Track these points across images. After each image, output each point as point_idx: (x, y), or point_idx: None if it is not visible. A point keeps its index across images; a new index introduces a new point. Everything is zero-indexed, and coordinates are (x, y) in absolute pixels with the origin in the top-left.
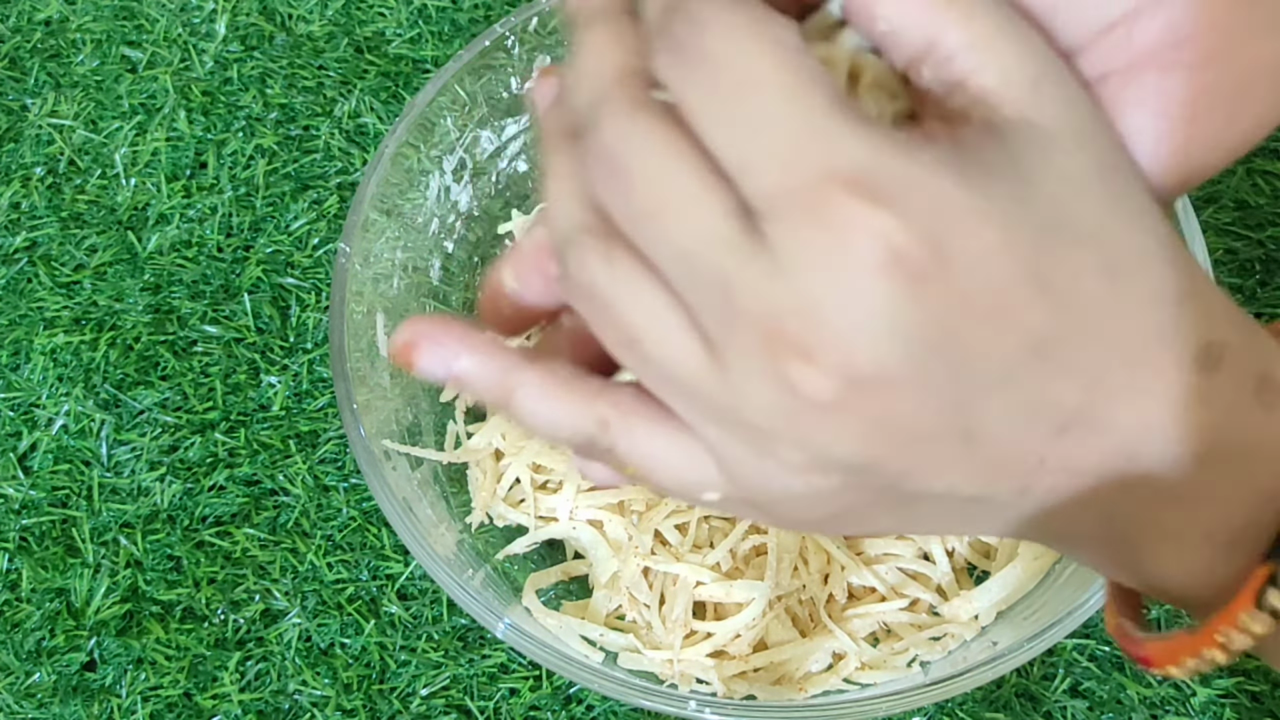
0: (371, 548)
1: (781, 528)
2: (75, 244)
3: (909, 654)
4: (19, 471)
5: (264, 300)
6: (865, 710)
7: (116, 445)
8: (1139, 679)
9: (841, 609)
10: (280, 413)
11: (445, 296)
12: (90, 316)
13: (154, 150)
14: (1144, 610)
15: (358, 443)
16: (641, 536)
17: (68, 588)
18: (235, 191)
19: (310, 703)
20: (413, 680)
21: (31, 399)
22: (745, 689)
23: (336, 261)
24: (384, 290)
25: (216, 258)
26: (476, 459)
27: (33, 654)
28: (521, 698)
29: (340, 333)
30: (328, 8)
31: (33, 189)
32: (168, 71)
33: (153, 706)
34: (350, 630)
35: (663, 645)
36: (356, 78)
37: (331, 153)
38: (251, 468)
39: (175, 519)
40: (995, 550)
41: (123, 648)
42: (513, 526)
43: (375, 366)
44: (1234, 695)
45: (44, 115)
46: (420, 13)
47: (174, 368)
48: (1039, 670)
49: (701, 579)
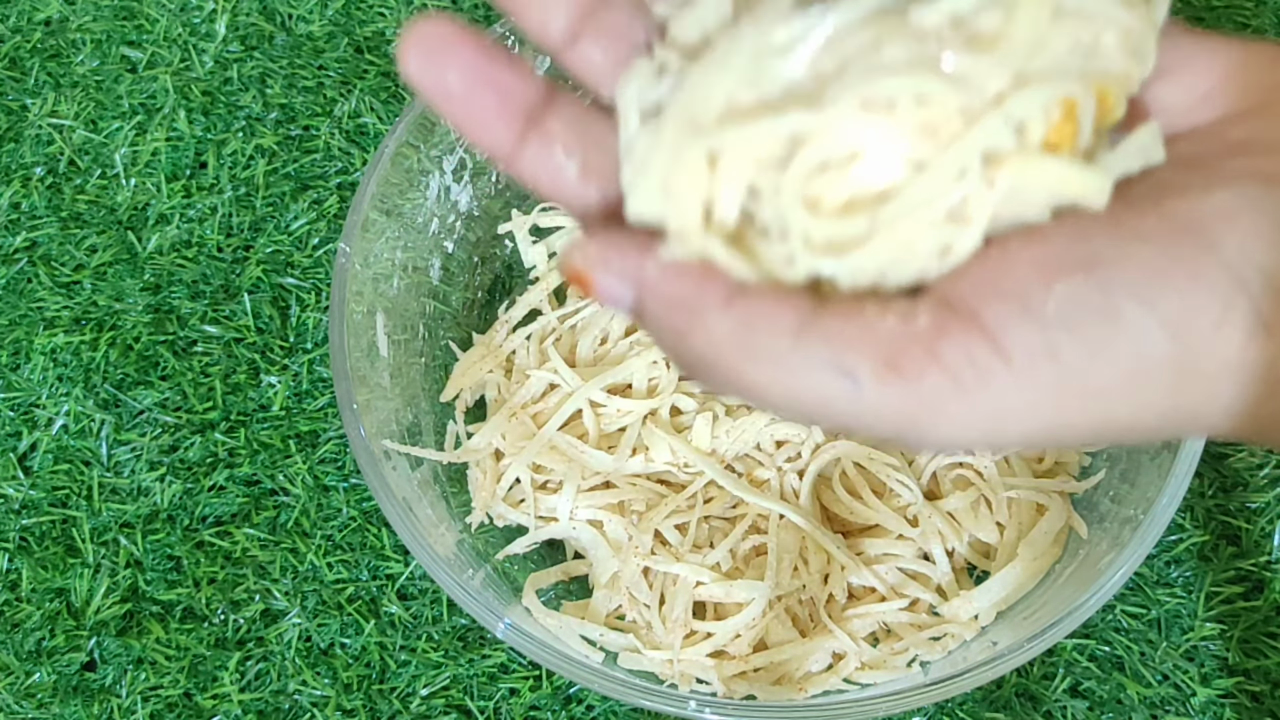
0: (371, 548)
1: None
2: (75, 244)
3: (909, 654)
4: (19, 471)
5: (264, 300)
6: (865, 710)
7: (116, 445)
8: (1139, 679)
9: (841, 609)
10: (280, 413)
11: (445, 296)
12: (90, 316)
13: (154, 150)
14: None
15: (358, 443)
16: (641, 536)
17: (68, 588)
18: (235, 191)
19: (310, 703)
20: (413, 680)
21: (31, 399)
22: (745, 689)
23: (336, 261)
24: (384, 290)
25: (216, 258)
26: (476, 459)
27: (33, 654)
28: (521, 698)
29: (340, 333)
30: (328, 8)
31: (33, 189)
32: (168, 71)
33: (153, 706)
34: (350, 630)
35: (663, 645)
36: (356, 78)
37: (331, 153)
38: (251, 468)
39: (175, 519)
40: (995, 550)
41: (123, 648)
42: (513, 526)
43: (375, 366)
44: (1234, 695)
45: (44, 115)
46: (420, 13)
47: (174, 368)
48: (1039, 670)
49: (701, 579)
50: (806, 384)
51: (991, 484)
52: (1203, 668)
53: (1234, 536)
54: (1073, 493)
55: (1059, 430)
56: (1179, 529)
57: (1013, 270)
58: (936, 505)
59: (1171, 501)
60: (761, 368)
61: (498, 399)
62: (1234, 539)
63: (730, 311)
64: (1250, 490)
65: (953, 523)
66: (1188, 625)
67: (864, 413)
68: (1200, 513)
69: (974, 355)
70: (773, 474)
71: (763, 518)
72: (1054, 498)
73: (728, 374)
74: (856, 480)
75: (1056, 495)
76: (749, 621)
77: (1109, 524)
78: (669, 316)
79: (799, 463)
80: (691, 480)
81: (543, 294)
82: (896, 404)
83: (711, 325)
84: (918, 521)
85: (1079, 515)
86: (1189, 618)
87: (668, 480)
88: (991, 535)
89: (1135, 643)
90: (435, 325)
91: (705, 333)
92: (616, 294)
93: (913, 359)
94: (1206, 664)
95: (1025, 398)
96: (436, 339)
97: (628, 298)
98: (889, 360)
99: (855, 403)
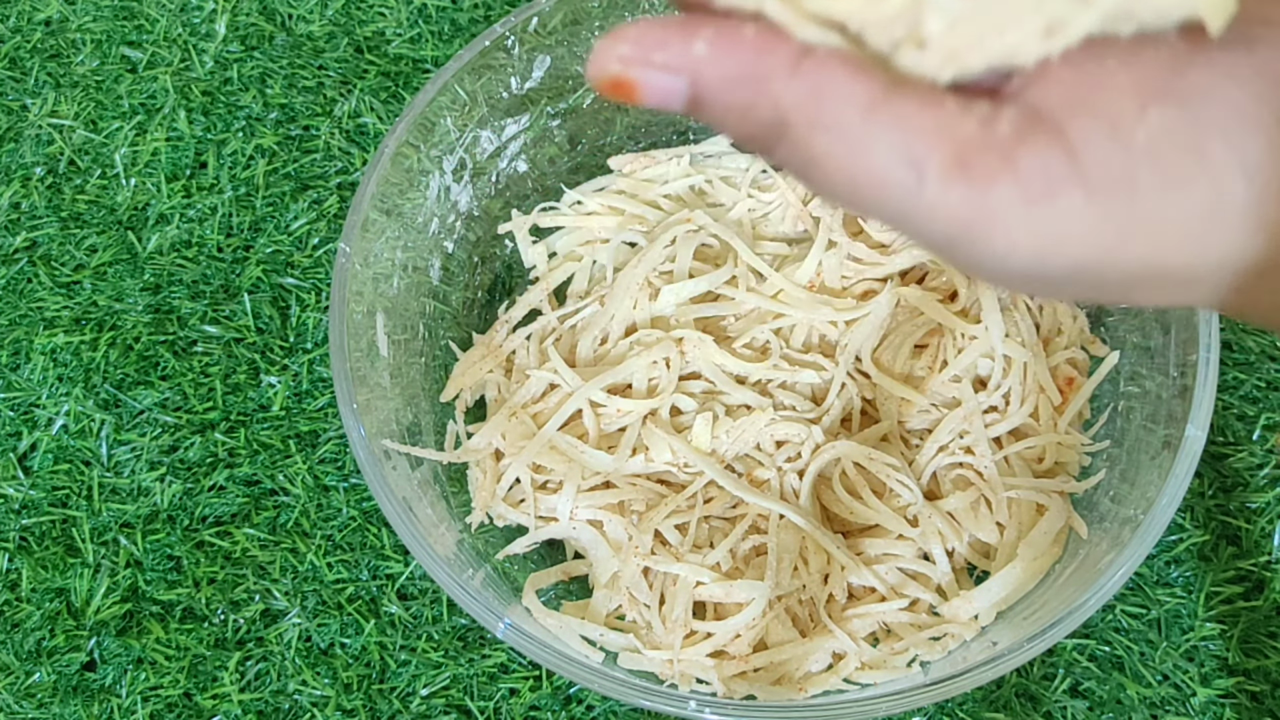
0: (371, 548)
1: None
2: (75, 244)
3: (909, 654)
4: (19, 471)
5: (264, 300)
6: (865, 710)
7: (116, 445)
8: (1139, 679)
9: (841, 609)
10: (280, 413)
11: (445, 296)
12: (90, 316)
13: (154, 150)
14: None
15: (358, 443)
16: (641, 536)
17: (68, 588)
18: (235, 191)
19: (310, 703)
20: (413, 680)
21: (31, 399)
22: (745, 689)
23: (336, 261)
24: (384, 290)
25: (216, 258)
26: (476, 459)
27: (33, 654)
28: (521, 698)
29: (340, 333)
30: (328, 8)
31: (33, 189)
32: (168, 71)
33: (153, 706)
34: (350, 630)
35: (663, 645)
36: (356, 78)
37: (331, 153)
38: (251, 468)
39: (175, 519)
40: (995, 550)
41: (123, 648)
42: (513, 526)
43: (375, 366)
44: (1234, 695)
45: (44, 115)
46: (420, 13)
47: (174, 368)
48: (1039, 670)
49: (701, 579)
50: (868, 165)
51: (991, 484)
52: (1203, 668)
53: (1234, 536)
54: (1073, 493)
55: (1108, 265)
56: (1179, 529)
57: (1108, 90)
58: (936, 505)
59: (1171, 501)
60: (826, 139)
61: (498, 399)
62: (1234, 539)
63: (797, 78)
64: (1250, 490)
65: (953, 523)
66: (1188, 625)
67: (920, 211)
68: (1200, 513)
69: (1050, 169)
70: (773, 474)
71: (763, 518)
72: (1054, 498)
73: (795, 145)
74: (856, 480)
75: (1056, 495)
76: (749, 621)
77: (1109, 524)
78: (731, 94)
79: (799, 463)
80: (691, 480)
81: (543, 294)
82: (957, 207)
83: (779, 93)
84: (918, 521)
85: (1079, 515)
86: (1189, 618)
87: (668, 480)
88: (991, 535)
89: (1135, 643)
90: (435, 325)
91: (772, 101)
92: (666, 88)
93: (986, 163)
94: (1206, 664)
95: (1089, 222)
96: (436, 339)
97: (680, 89)
98: (960, 159)
99: (914, 197)
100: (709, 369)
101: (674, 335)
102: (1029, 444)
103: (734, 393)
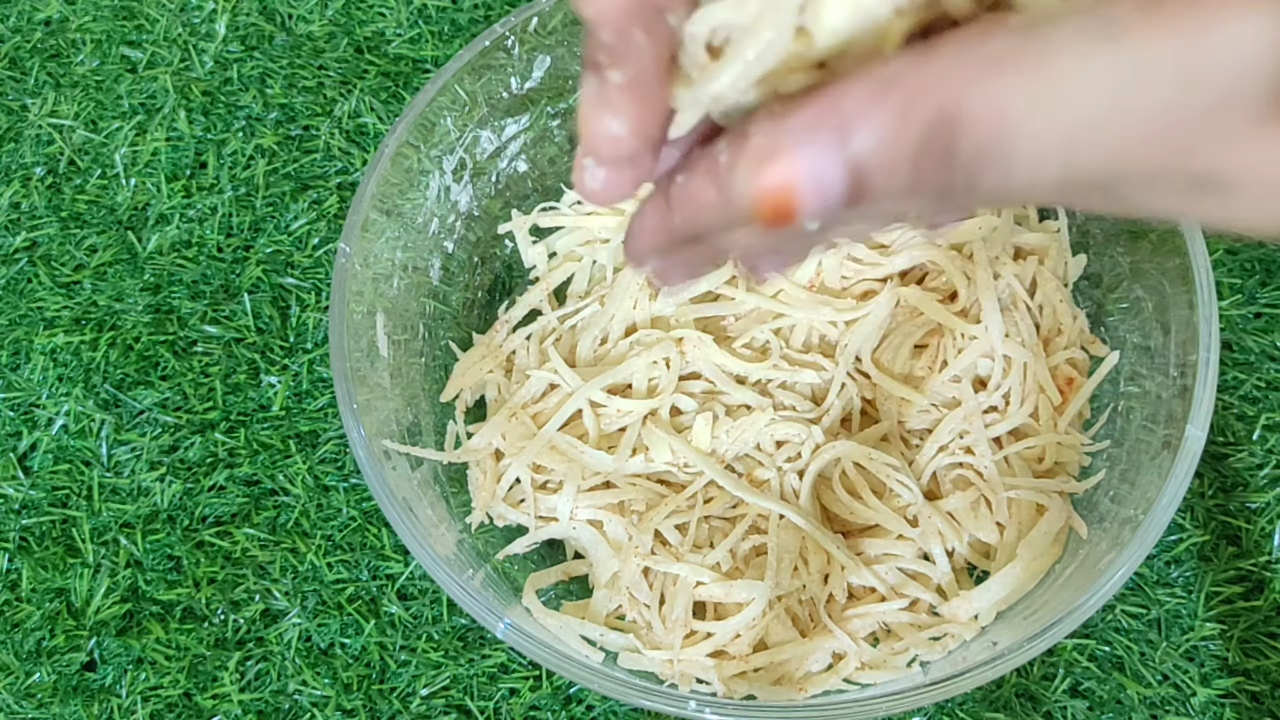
0: (371, 548)
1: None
2: (75, 244)
3: (909, 654)
4: (19, 471)
5: (264, 300)
6: (865, 710)
7: (116, 445)
8: (1139, 679)
9: (841, 609)
10: (280, 413)
11: (445, 296)
12: (90, 316)
13: (154, 150)
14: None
15: (358, 443)
16: (641, 536)
17: (68, 588)
18: (235, 191)
19: (310, 703)
20: (413, 680)
21: (31, 399)
22: (745, 689)
23: (336, 261)
24: (384, 290)
25: (216, 258)
26: (476, 459)
27: (33, 654)
28: (521, 698)
29: (340, 333)
30: (328, 8)
31: (33, 189)
32: (168, 71)
33: (153, 706)
34: (350, 630)
35: (663, 645)
36: (356, 78)
37: (331, 153)
38: (251, 468)
39: (175, 519)
40: (995, 550)
41: (123, 648)
42: (513, 526)
43: (375, 366)
44: (1234, 695)
45: (44, 115)
46: (420, 13)
47: (174, 368)
48: (1039, 670)
49: (701, 579)
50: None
51: (991, 484)
52: (1203, 668)
53: (1234, 536)
54: (1073, 493)
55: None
56: (1179, 529)
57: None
58: (936, 505)
59: (1171, 501)
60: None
61: (498, 399)
62: (1234, 539)
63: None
64: (1250, 490)
65: (953, 523)
66: (1188, 625)
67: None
68: (1200, 513)
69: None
70: (773, 474)
71: (763, 518)
72: (1054, 498)
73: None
74: (856, 480)
75: (1056, 495)
76: (749, 621)
77: (1109, 524)
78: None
79: (799, 463)
80: (691, 480)
81: (543, 294)
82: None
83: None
84: (918, 521)
85: (1079, 515)
86: (1189, 618)
87: (668, 480)
88: (991, 535)
89: (1135, 643)
90: (435, 325)
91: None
92: (827, 182)
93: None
94: (1206, 664)
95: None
96: (436, 339)
97: (839, 177)
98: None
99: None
100: (709, 369)
101: (674, 335)
102: (1029, 444)
103: (734, 393)
